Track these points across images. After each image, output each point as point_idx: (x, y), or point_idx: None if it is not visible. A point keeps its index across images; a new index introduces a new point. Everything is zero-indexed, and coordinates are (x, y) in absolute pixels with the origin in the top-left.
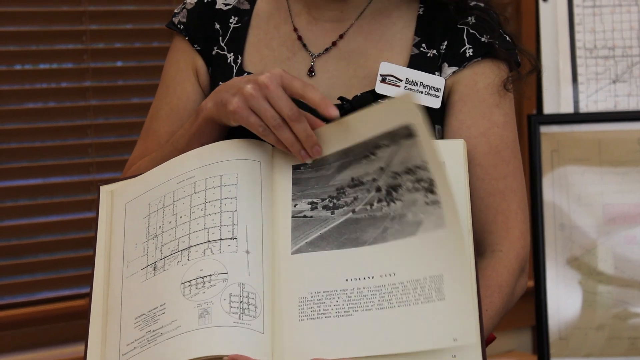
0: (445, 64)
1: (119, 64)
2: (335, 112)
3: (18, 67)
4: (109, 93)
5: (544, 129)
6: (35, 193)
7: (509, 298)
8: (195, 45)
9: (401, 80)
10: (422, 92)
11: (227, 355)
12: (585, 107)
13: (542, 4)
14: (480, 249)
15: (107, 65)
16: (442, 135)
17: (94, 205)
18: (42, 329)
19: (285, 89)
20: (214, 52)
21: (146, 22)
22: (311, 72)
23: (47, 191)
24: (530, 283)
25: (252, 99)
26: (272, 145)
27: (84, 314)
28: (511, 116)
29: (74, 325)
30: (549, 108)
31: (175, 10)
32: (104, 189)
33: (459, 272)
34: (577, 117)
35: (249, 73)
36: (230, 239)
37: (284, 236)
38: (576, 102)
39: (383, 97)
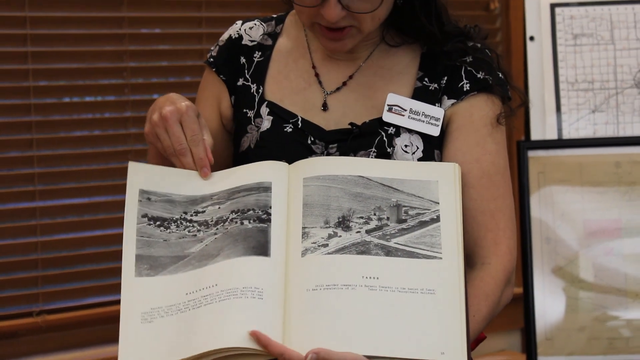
0: (445, 97)
1: (155, 96)
2: (205, 174)
3: (67, 99)
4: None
5: (532, 153)
6: (82, 211)
7: (494, 306)
8: (221, 76)
9: (405, 110)
10: (423, 121)
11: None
12: (567, 134)
13: (529, 43)
14: (471, 261)
15: (145, 98)
16: (440, 159)
17: None
18: (89, 330)
19: (182, 125)
20: (239, 83)
21: (179, 59)
22: (324, 106)
23: (92, 209)
24: (519, 290)
25: (156, 127)
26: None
27: None
28: (502, 145)
29: (117, 327)
30: (535, 135)
31: (211, 48)
32: None
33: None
34: (561, 143)
35: (269, 101)
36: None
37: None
38: (560, 130)
39: (389, 124)
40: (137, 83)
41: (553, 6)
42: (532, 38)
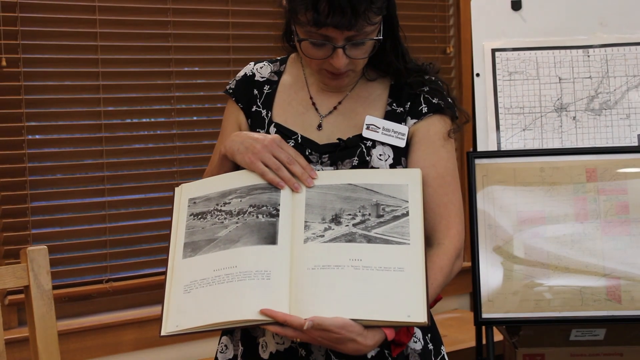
0: (409, 117)
1: (195, 118)
2: (312, 180)
3: (128, 120)
4: (189, 137)
5: (478, 161)
6: (139, 204)
7: (447, 276)
8: (239, 104)
9: (379, 128)
10: (393, 136)
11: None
12: (504, 146)
13: (476, 79)
14: (429, 242)
15: (187, 120)
16: (406, 165)
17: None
18: (145, 294)
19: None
20: (253, 109)
21: (213, 90)
22: (319, 126)
23: (147, 202)
24: (468, 264)
25: (260, 154)
26: None
27: None
28: (452, 153)
29: None
30: (481, 147)
31: (229, 82)
32: (177, 190)
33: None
34: (500, 153)
35: (276, 122)
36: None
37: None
38: (499, 143)
39: (367, 139)
40: (181, 108)
41: (494, 51)
42: (478, 74)
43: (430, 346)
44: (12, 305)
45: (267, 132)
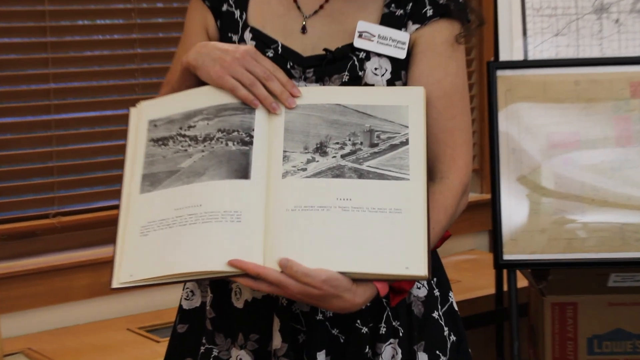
0: (410, 22)
1: (160, 20)
2: (294, 99)
3: (79, 22)
4: (153, 43)
5: (500, 73)
6: (92, 123)
7: (452, 217)
8: (206, 2)
9: (374, 36)
10: (391, 45)
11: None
12: (532, 55)
13: None
14: (432, 175)
15: (150, 21)
16: (405, 80)
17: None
18: (99, 231)
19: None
20: (224, 9)
21: None
22: (303, 29)
23: (103, 121)
24: (488, 196)
25: (231, 67)
26: None
27: None
28: (462, 66)
29: None
30: (504, 56)
31: None
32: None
33: None
34: (526, 64)
35: (252, 27)
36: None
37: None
38: (526, 51)
39: (360, 49)
40: (142, 8)
41: None
42: None
43: (437, 292)
44: None
45: (242, 36)
